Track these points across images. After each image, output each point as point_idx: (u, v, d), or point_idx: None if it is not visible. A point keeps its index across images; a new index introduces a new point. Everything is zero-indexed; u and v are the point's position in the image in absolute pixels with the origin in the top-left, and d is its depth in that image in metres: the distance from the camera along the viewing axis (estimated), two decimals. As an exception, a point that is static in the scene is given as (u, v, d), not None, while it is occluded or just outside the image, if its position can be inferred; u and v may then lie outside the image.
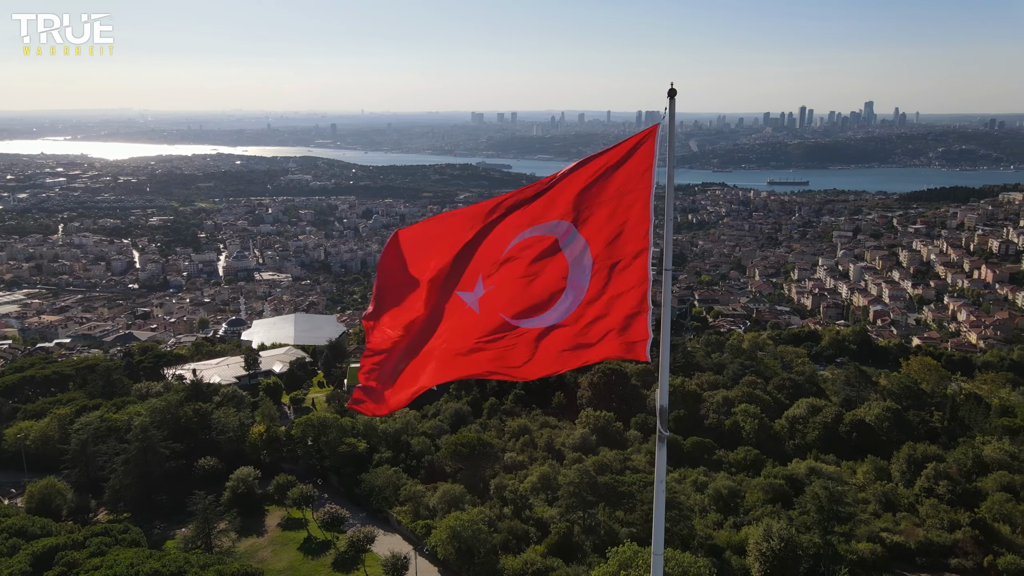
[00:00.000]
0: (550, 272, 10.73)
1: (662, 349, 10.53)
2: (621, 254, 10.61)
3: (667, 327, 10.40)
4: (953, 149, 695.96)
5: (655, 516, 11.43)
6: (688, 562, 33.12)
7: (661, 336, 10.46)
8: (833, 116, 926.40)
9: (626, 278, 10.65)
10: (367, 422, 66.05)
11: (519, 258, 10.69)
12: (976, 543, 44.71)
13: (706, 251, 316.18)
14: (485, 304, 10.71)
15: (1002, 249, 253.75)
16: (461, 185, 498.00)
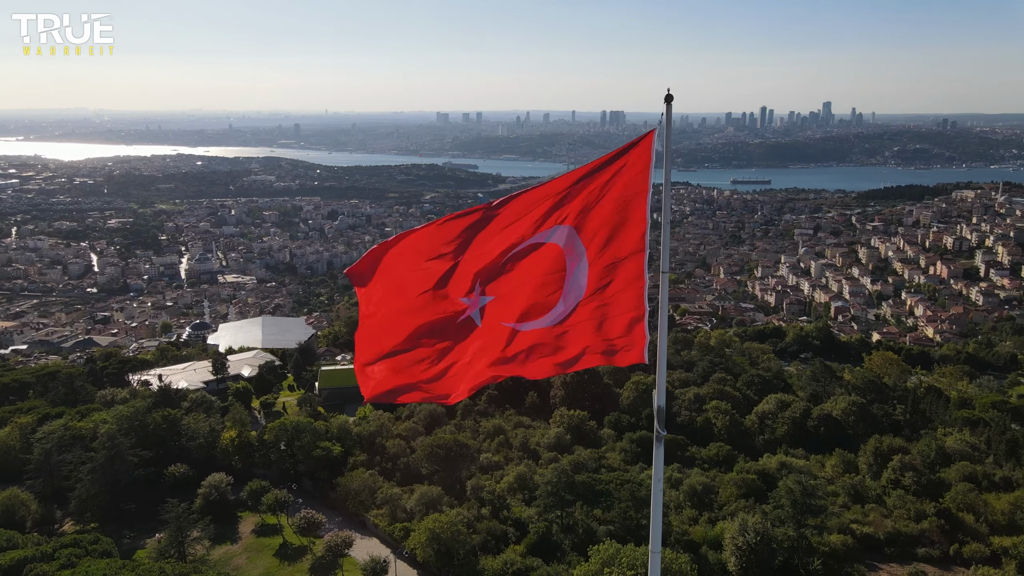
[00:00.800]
0: (548, 276, 10.87)
1: (659, 351, 10.70)
2: (618, 257, 10.77)
3: (664, 329, 10.61)
4: (908, 148, 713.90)
5: (653, 514, 11.57)
6: (670, 558, 33.63)
7: (658, 338, 10.66)
8: (793, 116, 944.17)
9: (623, 280, 10.80)
10: (341, 425, 65.62)
11: (519, 267, 10.81)
12: (942, 532, 46.10)
13: (672, 249, 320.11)
14: (489, 316, 10.82)
15: (956, 245, 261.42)
16: (427, 185, 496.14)
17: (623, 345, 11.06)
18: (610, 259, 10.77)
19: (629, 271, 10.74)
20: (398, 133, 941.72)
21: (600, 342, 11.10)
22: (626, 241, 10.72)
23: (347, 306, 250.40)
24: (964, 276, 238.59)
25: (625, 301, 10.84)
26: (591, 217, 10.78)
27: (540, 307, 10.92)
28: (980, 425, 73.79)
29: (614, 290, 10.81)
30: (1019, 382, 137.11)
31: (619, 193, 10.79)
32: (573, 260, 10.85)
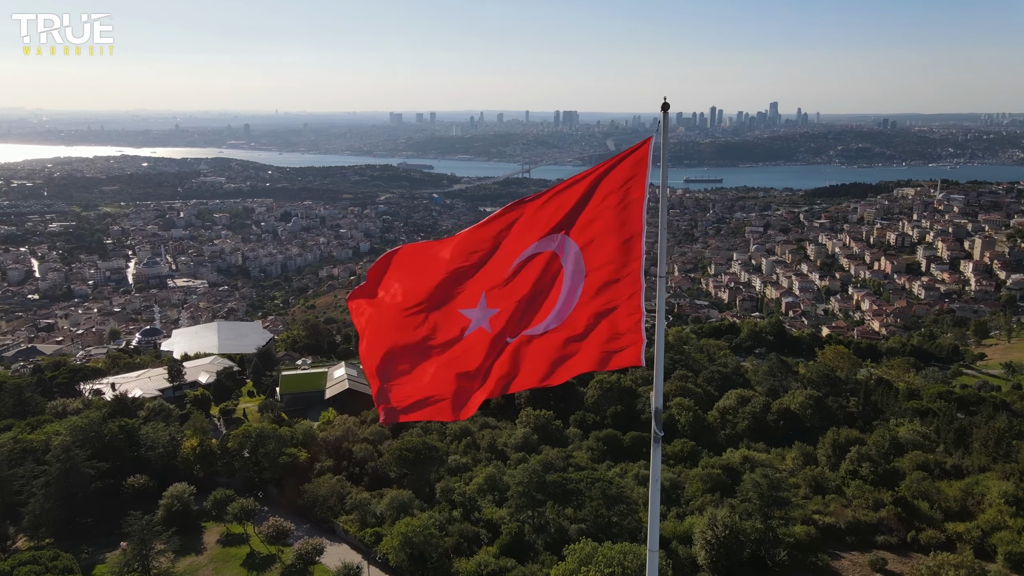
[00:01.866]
0: (547, 283, 11.05)
1: (657, 354, 10.98)
2: (614, 262, 10.97)
3: (661, 333, 10.90)
4: (851, 147, 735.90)
5: (651, 513, 11.82)
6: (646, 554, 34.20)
7: (656, 341, 10.95)
8: (741, 116, 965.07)
9: (620, 285, 11.01)
10: (306, 431, 64.79)
11: (521, 278, 10.95)
12: (899, 520, 47.74)
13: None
14: (495, 328, 10.93)
15: (899, 241, 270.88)
16: (382, 186, 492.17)
17: (620, 348, 11.28)
18: (607, 265, 10.98)
19: (626, 276, 10.96)
20: (351, 133, 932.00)
21: (598, 346, 11.31)
22: (623, 247, 10.93)
23: (302, 309, 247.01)
24: (907, 271, 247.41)
25: (622, 306, 11.06)
26: (588, 223, 10.97)
27: (538, 314, 11.09)
28: (929, 415, 76.65)
29: (611, 295, 11.02)
30: (961, 372, 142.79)
31: (616, 200, 10.99)
32: (569, 266, 11.04)
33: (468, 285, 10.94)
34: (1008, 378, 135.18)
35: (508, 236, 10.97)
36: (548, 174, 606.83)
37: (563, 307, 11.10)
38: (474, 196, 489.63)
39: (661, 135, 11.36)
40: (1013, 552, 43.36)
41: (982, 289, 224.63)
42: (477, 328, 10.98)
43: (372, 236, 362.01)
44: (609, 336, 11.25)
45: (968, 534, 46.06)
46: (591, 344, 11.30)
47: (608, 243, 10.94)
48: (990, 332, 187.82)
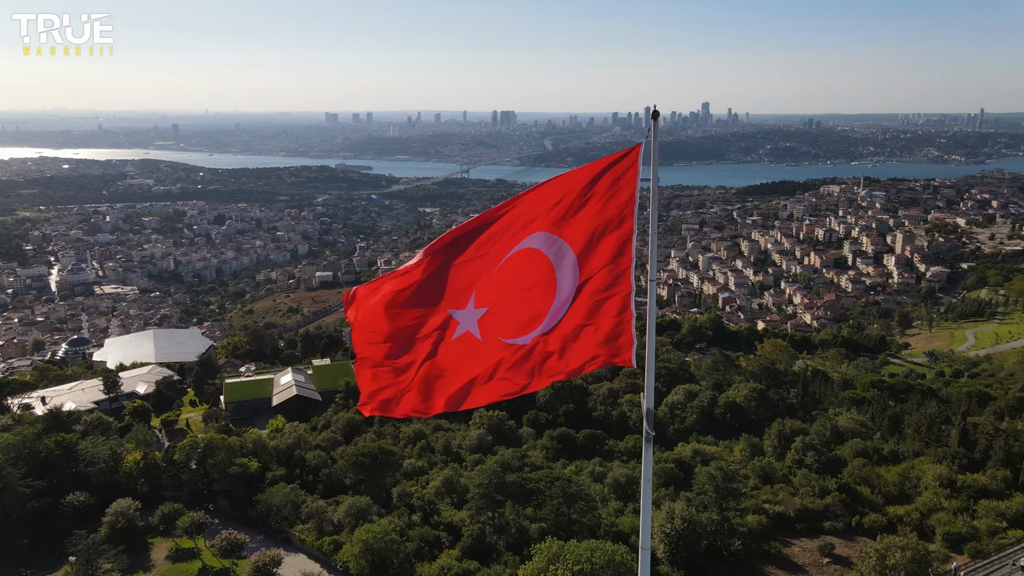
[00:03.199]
0: (540, 286, 11.17)
1: (648, 355, 11.27)
2: (606, 265, 11.19)
3: (652, 334, 11.23)
4: (779, 146, 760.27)
5: (643, 511, 12.12)
6: (612, 550, 34.82)
7: (647, 343, 11.26)
8: (675, 116, 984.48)
9: (612, 287, 11.23)
10: (256, 440, 63.33)
11: (511, 278, 11.05)
12: (844, 506, 49.87)
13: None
14: (485, 329, 11.01)
15: (826, 237, 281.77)
16: (319, 187, 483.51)
17: (612, 350, 11.51)
18: (598, 267, 11.18)
19: (617, 279, 11.21)
20: (285, 134, 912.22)
21: (591, 347, 11.53)
22: (614, 250, 11.14)
23: (240, 314, 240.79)
24: (835, 265, 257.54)
25: (614, 307, 11.28)
26: (579, 227, 11.15)
27: (532, 318, 11.23)
28: (864, 404, 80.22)
29: (603, 297, 11.24)
30: (888, 362, 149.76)
31: (607, 203, 11.17)
32: (562, 269, 11.20)
33: (457, 284, 10.94)
34: (931, 366, 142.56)
35: (497, 234, 11.02)
36: (487, 174, 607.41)
37: (557, 309, 11.23)
38: (413, 197, 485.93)
39: (651, 140, 11.50)
40: (950, 532, 45.93)
41: (904, 281, 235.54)
42: (465, 332, 11.04)
43: (310, 238, 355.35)
44: (601, 337, 11.43)
45: (908, 516, 48.53)
46: (584, 345, 11.46)
47: (600, 245, 11.10)
48: (913, 322, 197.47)
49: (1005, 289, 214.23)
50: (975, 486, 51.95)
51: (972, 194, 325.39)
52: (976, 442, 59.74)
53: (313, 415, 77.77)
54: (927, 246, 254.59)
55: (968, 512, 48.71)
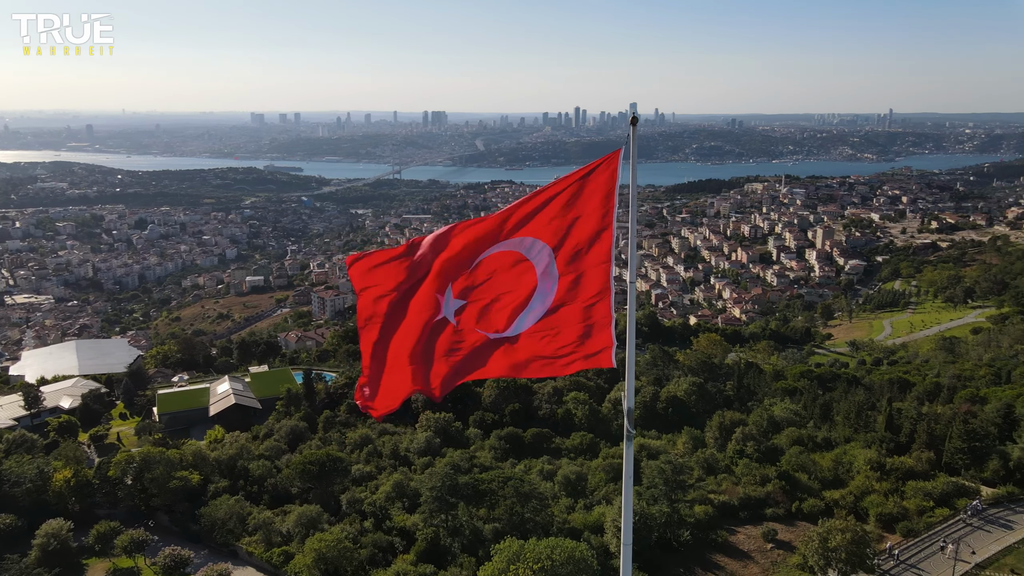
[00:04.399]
0: (520, 287, 11.47)
1: (628, 355, 11.72)
2: (586, 268, 11.55)
3: (632, 335, 11.67)
4: (704, 145, 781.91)
5: (624, 508, 12.51)
6: (572, 547, 35.36)
7: (627, 343, 11.70)
8: (604, 116, 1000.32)
9: (591, 290, 11.59)
10: (196, 452, 61.31)
11: (490, 278, 11.34)
12: (784, 492, 51.97)
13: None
14: (463, 321, 11.27)
15: (752, 233, 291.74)
16: (247, 190, 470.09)
17: (592, 351, 11.88)
18: (579, 270, 11.53)
19: (596, 281, 11.57)
20: (209, 135, 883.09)
21: (570, 349, 11.88)
22: (594, 253, 11.51)
23: (166, 322, 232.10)
24: (760, 260, 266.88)
25: (594, 309, 11.66)
26: (560, 230, 11.48)
27: (512, 316, 11.52)
28: (796, 393, 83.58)
29: (583, 299, 11.60)
30: (814, 352, 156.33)
31: (587, 208, 11.52)
32: (542, 271, 11.52)
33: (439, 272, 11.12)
34: (853, 355, 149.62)
35: (479, 237, 11.24)
36: (420, 175, 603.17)
37: (536, 310, 11.50)
38: (345, 198, 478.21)
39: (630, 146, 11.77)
40: (883, 513, 48.51)
41: (825, 275, 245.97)
42: (442, 317, 11.24)
43: (239, 242, 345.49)
44: (581, 339, 11.76)
45: (843, 500, 51.00)
46: (563, 346, 11.77)
47: (580, 249, 11.41)
48: (834, 314, 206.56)
49: (917, 280, 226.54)
50: (902, 468, 54.98)
51: (884, 191, 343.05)
52: (901, 426, 63.20)
53: (254, 424, 75.85)
54: (845, 241, 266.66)
55: (898, 493, 51.54)
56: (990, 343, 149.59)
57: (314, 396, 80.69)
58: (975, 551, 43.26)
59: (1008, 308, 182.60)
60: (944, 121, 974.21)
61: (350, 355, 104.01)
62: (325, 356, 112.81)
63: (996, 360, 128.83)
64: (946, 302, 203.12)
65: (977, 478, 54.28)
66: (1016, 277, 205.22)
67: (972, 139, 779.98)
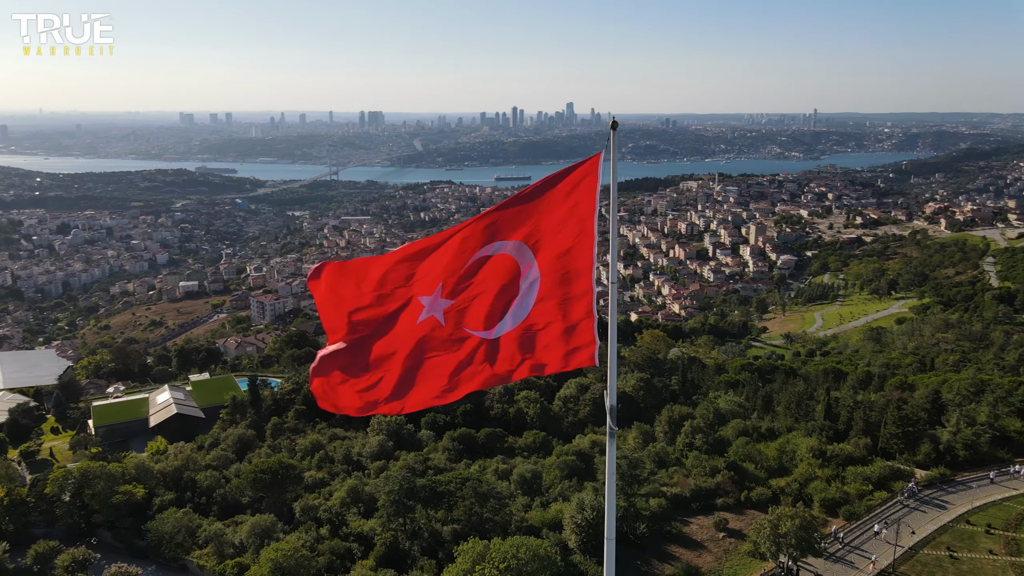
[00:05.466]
0: (505, 287, 11.74)
1: (610, 354, 12.12)
2: (568, 269, 11.89)
3: (614, 334, 12.09)
4: (640, 144, 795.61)
5: (607, 504, 12.93)
6: (536, 544, 35.74)
7: (608, 343, 12.11)
8: (541, 116, 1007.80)
9: (573, 290, 11.91)
10: (139, 465, 59.25)
11: (478, 278, 11.57)
12: (733, 483, 53.54)
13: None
14: (450, 319, 11.44)
15: (688, 230, 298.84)
16: (177, 192, 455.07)
17: (575, 349, 12.23)
18: (561, 271, 11.85)
19: (579, 282, 11.91)
20: (135, 135, 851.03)
21: (555, 348, 12.20)
22: (576, 255, 11.84)
23: (94, 331, 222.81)
24: (697, 257, 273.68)
25: (576, 310, 12.01)
26: (542, 232, 11.77)
27: (495, 317, 11.76)
28: (738, 386, 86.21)
29: (565, 299, 11.93)
30: (751, 345, 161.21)
31: (569, 210, 11.81)
32: (526, 272, 11.81)
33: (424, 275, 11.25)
34: (788, 347, 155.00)
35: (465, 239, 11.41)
36: (357, 175, 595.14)
37: (519, 310, 11.74)
38: (281, 200, 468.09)
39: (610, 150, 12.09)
40: (826, 498, 50.57)
41: (759, 270, 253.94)
42: (429, 316, 11.36)
43: (170, 246, 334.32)
44: (565, 338, 12.06)
45: (789, 487, 52.92)
46: (547, 346, 12.06)
47: (562, 250, 11.70)
48: (768, 307, 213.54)
49: (844, 273, 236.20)
50: (842, 455, 57.43)
51: (811, 188, 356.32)
52: (839, 415, 65.99)
53: (198, 434, 73.73)
54: (776, 236, 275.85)
55: (839, 479, 53.82)
56: (913, 332, 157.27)
57: (260, 403, 78.98)
58: (914, 531, 45.58)
59: (928, 299, 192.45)
60: (865, 121, 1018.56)
61: (295, 360, 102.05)
62: (268, 362, 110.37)
63: (920, 348, 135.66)
64: (872, 294, 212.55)
65: (911, 461, 57.14)
66: (935, 269, 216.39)
67: (891, 138, 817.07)
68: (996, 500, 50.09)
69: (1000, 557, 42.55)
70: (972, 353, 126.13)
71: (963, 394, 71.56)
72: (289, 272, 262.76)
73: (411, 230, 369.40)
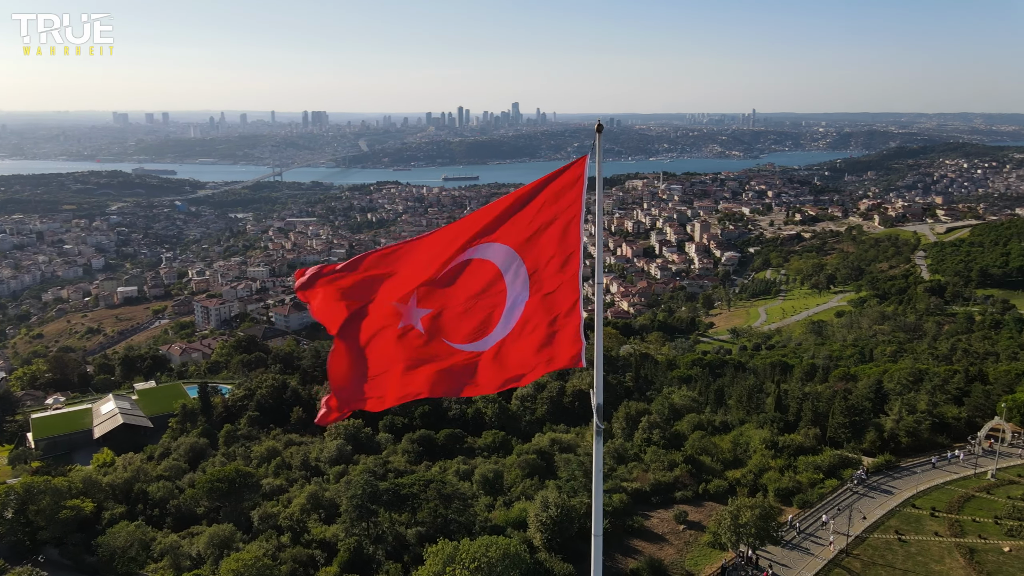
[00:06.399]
0: (490, 294, 11.86)
1: (596, 354, 12.42)
2: (555, 272, 12.08)
3: (600, 334, 12.40)
4: (585, 144, 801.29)
5: (594, 500, 13.19)
6: (505, 544, 35.84)
7: (595, 343, 12.41)
8: (487, 115, 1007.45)
9: (560, 291, 12.14)
10: (86, 478, 57.07)
11: (457, 284, 11.65)
12: (691, 476, 54.71)
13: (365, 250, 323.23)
14: (428, 327, 11.50)
15: (635, 228, 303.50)
16: (112, 195, 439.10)
17: (564, 352, 12.45)
18: (548, 274, 12.03)
19: (566, 284, 12.14)
20: (66, 136, 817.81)
21: (543, 351, 12.40)
22: (562, 257, 12.03)
23: (26, 340, 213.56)
24: (644, 254, 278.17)
25: (564, 311, 12.24)
26: (528, 236, 11.95)
27: (484, 325, 11.88)
28: (690, 381, 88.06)
29: (553, 302, 12.15)
30: (699, 340, 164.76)
31: (555, 213, 11.99)
32: (512, 277, 11.96)
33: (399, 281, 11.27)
34: (735, 342, 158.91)
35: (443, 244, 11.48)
36: (302, 176, 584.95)
37: (509, 317, 11.89)
38: (223, 202, 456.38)
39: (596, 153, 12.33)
40: (780, 488, 52.15)
41: (704, 266, 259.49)
42: (408, 325, 11.40)
43: (106, 251, 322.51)
44: (553, 341, 12.25)
45: (744, 478, 54.39)
46: (537, 350, 12.23)
47: (549, 253, 11.85)
48: (714, 303, 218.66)
49: (785, 269, 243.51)
50: (793, 445, 59.33)
51: (752, 186, 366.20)
52: (788, 406, 68.08)
53: (146, 444, 71.51)
54: (720, 234, 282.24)
55: (791, 468, 55.57)
56: (852, 325, 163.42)
57: (211, 410, 77.06)
58: (865, 516, 47.42)
59: (865, 292, 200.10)
60: (801, 120, 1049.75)
61: (245, 365, 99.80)
62: (217, 368, 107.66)
63: (859, 340, 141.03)
64: (812, 288, 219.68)
65: (858, 449, 59.41)
66: (870, 264, 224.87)
67: (825, 137, 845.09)
68: (939, 484, 52.52)
69: (945, 539, 44.61)
70: (908, 344, 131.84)
71: (903, 383, 74.71)
72: (233, 276, 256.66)
73: (358, 231, 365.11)
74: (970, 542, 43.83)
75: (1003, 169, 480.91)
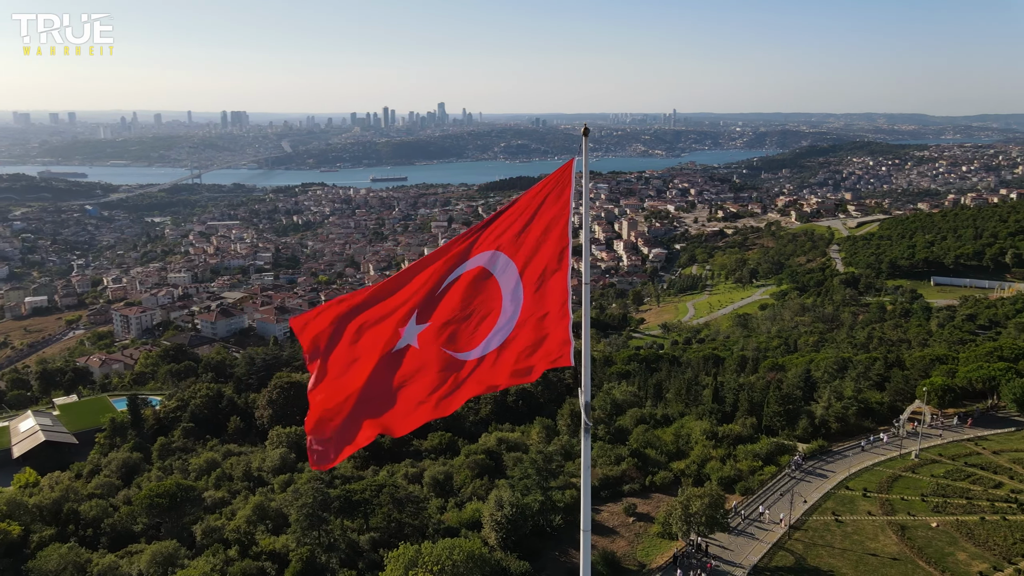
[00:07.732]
0: (486, 300, 12.16)
1: (584, 353, 12.86)
2: (546, 274, 12.47)
3: (587, 333, 12.86)
4: (512, 144, 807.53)
5: (583, 497, 13.59)
6: (468, 546, 35.89)
7: (583, 342, 12.85)
8: (413, 116, 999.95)
9: (551, 293, 12.54)
10: (10, 499, 53.82)
11: (456, 297, 11.89)
12: (637, 469, 55.93)
13: (317, 251, 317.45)
14: (424, 341, 11.68)
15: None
16: (15, 199, 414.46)
17: (553, 351, 12.82)
18: (539, 277, 12.41)
19: (555, 285, 12.53)
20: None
21: (534, 352, 12.74)
22: (552, 260, 12.44)
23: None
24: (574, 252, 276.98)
25: (554, 312, 12.62)
26: (520, 241, 12.30)
27: (483, 331, 12.14)
28: (629, 376, 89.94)
29: (543, 303, 12.53)
30: (632, 336, 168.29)
31: (544, 217, 12.40)
32: (507, 282, 12.27)
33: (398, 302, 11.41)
34: (666, 336, 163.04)
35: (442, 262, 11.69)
36: (222, 179, 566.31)
37: (506, 321, 12.16)
38: (138, 205, 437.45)
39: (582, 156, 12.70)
40: (722, 476, 53.93)
41: (633, 264, 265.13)
42: (405, 344, 11.57)
43: (10, 259, 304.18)
44: (544, 342, 12.60)
45: (688, 469, 56.01)
46: (529, 352, 12.54)
47: (540, 256, 12.21)
48: (644, 299, 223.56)
49: (710, 264, 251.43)
50: (732, 435, 61.44)
51: (675, 184, 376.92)
52: (725, 397, 70.42)
53: (72, 461, 68.02)
54: (647, 231, 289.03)
55: (731, 457, 57.55)
56: (775, 317, 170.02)
57: (142, 423, 73.97)
58: (806, 500, 49.65)
59: (786, 285, 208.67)
60: (719, 120, 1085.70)
61: (174, 375, 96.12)
62: (143, 379, 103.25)
63: (783, 331, 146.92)
64: (736, 283, 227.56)
65: (793, 436, 62.02)
66: (789, 258, 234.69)
67: (742, 136, 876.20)
68: (868, 466, 55.42)
69: (877, 517, 47.17)
70: (828, 333, 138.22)
71: (830, 371, 78.36)
72: (153, 282, 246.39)
73: (284, 234, 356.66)
74: (901, 519, 46.49)
75: (905, 166, 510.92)
